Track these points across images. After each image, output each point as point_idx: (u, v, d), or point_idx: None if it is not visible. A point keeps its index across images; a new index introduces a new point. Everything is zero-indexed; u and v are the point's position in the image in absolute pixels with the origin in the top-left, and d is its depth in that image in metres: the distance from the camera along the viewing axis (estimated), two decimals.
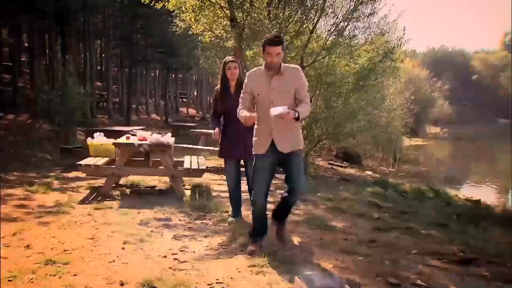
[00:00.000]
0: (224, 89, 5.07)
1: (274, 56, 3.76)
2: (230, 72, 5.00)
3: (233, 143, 5.05)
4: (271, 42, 3.77)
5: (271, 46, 3.75)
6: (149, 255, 3.85)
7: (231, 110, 4.93)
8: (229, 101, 4.97)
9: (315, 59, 11.18)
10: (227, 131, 5.12)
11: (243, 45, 11.18)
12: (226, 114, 5.12)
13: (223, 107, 5.06)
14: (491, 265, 3.96)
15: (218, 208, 5.72)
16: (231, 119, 5.02)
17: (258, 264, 3.65)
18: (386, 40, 12.60)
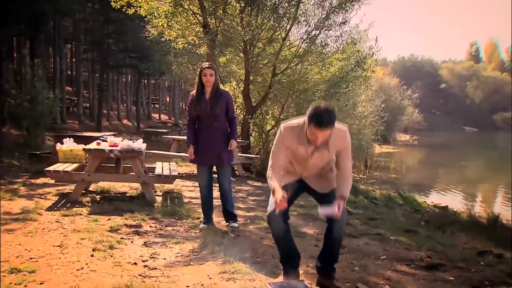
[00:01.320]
0: (200, 94, 5.03)
1: (320, 137, 3.03)
2: (206, 79, 4.95)
3: (206, 149, 5.04)
4: (319, 123, 2.95)
5: (318, 129, 2.97)
6: (119, 262, 3.79)
7: (205, 115, 5.01)
8: (204, 105, 4.98)
9: (288, 67, 11.29)
10: (200, 136, 5.09)
11: (216, 51, 11.20)
12: (200, 119, 5.09)
13: (196, 110, 5.02)
14: (457, 270, 4.04)
15: (189, 215, 5.68)
16: (204, 124, 5.06)
17: (229, 271, 3.64)
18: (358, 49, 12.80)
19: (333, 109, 3.05)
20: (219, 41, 11.11)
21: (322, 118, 2.92)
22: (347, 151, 3.26)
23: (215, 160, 5.10)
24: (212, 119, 5.03)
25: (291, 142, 3.19)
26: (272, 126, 11.95)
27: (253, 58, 11.08)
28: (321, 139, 3.02)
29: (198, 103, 5.01)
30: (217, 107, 5.00)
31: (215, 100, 5.00)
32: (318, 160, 3.27)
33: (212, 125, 5.05)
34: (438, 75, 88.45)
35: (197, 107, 5.02)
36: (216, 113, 5.01)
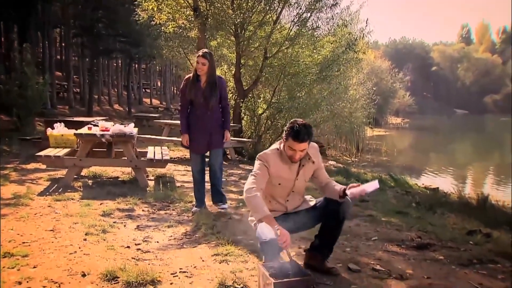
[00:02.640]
0: (195, 80, 4.98)
1: (298, 151, 3.15)
2: (198, 67, 4.93)
3: (199, 137, 5.05)
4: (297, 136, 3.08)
5: (296, 142, 3.10)
6: (112, 246, 3.81)
7: (199, 100, 4.96)
8: (199, 94, 4.95)
9: (279, 50, 11.24)
10: (193, 124, 5.08)
11: (206, 35, 11.11)
12: (193, 105, 5.05)
13: (191, 94, 4.97)
14: (446, 249, 4.11)
15: (182, 198, 5.72)
16: (198, 112, 5.02)
17: (221, 253, 3.68)
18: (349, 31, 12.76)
19: (310, 125, 3.17)
20: (210, 25, 11.01)
21: (300, 131, 3.06)
22: (322, 163, 3.46)
23: (207, 148, 5.13)
24: (206, 108, 5.00)
25: (275, 165, 3.22)
26: (263, 109, 11.94)
27: (244, 41, 11.01)
28: (298, 154, 3.14)
29: (193, 89, 4.97)
30: (212, 98, 4.97)
31: (210, 90, 4.96)
32: (302, 181, 3.34)
33: (206, 114, 5.02)
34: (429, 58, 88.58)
35: (191, 93, 4.98)
36: (211, 104, 4.98)
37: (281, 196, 3.34)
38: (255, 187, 3.05)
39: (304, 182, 3.38)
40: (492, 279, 3.39)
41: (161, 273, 3.22)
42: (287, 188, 3.31)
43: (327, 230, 3.33)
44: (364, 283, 3.19)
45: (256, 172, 3.17)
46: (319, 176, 3.42)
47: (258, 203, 2.97)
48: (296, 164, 3.26)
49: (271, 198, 3.33)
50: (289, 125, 3.13)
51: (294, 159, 3.17)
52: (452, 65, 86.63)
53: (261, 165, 3.20)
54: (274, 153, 3.25)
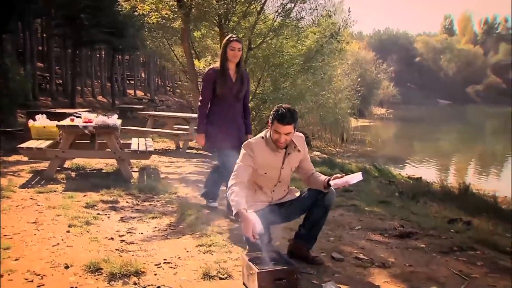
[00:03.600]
0: (224, 70, 4.47)
1: (283, 134, 3.19)
2: (233, 54, 4.41)
3: (230, 126, 4.56)
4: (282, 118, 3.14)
5: (281, 124, 3.15)
6: (96, 238, 3.79)
7: (230, 94, 4.50)
8: (229, 80, 4.49)
9: (263, 41, 11.22)
10: (222, 114, 4.54)
11: (190, 25, 11.04)
12: (220, 96, 4.50)
13: (222, 86, 4.44)
14: (428, 237, 4.19)
15: (166, 190, 5.71)
16: (226, 101, 4.52)
17: (206, 244, 3.69)
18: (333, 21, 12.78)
19: (295, 109, 3.22)
20: (194, 15, 10.93)
21: (284, 114, 3.12)
22: (307, 154, 3.48)
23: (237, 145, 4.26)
24: (236, 99, 4.56)
25: (260, 153, 3.23)
26: None
27: (228, 32, 10.95)
28: (283, 138, 3.17)
29: (224, 81, 4.46)
30: (243, 86, 4.56)
31: (241, 78, 4.54)
32: (288, 170, 3.37)
33: (236, 106, 4.58)
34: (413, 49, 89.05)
35: (222, 84, 4.45)
36: (241, 95, 4.59)
37: (267, 186, 3.36)
38: (234, 182, 3.09)
39: (290, 171, 3.40)
40: (472, 266, 3.46)
41: (145, 264, 3.21)
42: (273, 177, 3.33)
43: (311, 220, 3.36)
44: (347, 272, 3.23)
45: (239, 163, 3.20)
46: (304, 166, 3.45)
47: (233, 198, 3.00)
48: (282, 152, 3.28)
49: (257, 188, 3.34)
50: (274, 109, 3.19)
51: (279, 142, 3.18)
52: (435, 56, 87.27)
53: (245, 155, 3.22)
54: (260, 141, 3.27)
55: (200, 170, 7.68)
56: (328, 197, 3.29)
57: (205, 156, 9.52)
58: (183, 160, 8.74)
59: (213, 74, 4.50)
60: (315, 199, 3.30)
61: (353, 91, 24.18)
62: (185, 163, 8.41)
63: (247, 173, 3.19)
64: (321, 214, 3.33)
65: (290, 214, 3.42)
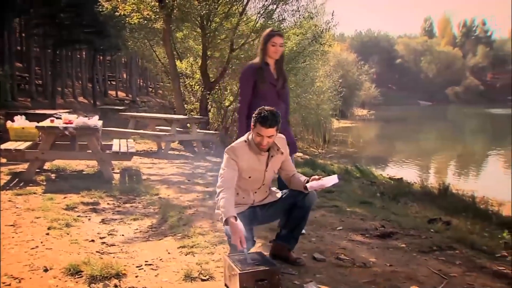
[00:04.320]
0: (265, 68, 4.05)
1: (265, 137, 3.17)
2: (275, 49, 4.00)
3: None
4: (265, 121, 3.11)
5: (263, 127, 3.12)
6: (76, 240, 3.75)
7: (272, 92, 4.08)
8: (272, 77, 4.08)
9: (245, 42, 11.24)
10: None
11: (172, 26, 11.02)
12: (264, 98, 3.99)
13: (264, 86, 4.03)
14: (408, 237, 4.24)
15: (148, 191, 5.68)
16: (268, 101, 3.88)
17: (188, 245, 3.68)
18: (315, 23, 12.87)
19: (278, 112, 3.19)
20: (176, 16, 10.92)
21: (267, 117, 3.09)
22: (289, 157, 3.47)
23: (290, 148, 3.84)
24: (279, 98, 4.11)
25: (244, 157, 3.21)
26: (230, 102, 11.93)
27: (210, 33, 10.96)
28: (266, 140, 3.15)
29: (265, 77, 4.04)
30: (286, 86, 4.20)
31: (283, 76, 4.16)
32: (271, 172, 3.35)
33: (279, 106, 3.92)
34: (394, 50, 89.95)
35: (264, 81, 4.03)
36: (285, 93, 4.21)
37: (251, 189, 3.35)
38: (222, 189, 3.06)
39: (273, 174, 3.40)
40: (451, 265, 3.51)
41: (126, 266, 3.19)
42: (257, 181, 3.32)
43: (292, 221, 3.36)
44: (328, 272, 3.25)
45: (224, 169, 3.17)
46: (285, 167, 3.45)
47: (222, 205, 2.98)
48: (265, 155, 3.28)
49: (240, 191, 3.32)
50: (257, 111, 3.15)
51: (262, 145, 3.17)
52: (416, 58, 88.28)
53: (229, 160, 3.19)
54: (242, 145, 3.25)
55: (182, 171, 7.65)
56: (309, 198, 3.29)
57: (187, 158, 9.49)
58: (165, 161, 8.70)
59: (253, 70, 4.08)
60: (296, 200, 3.30)
61: (335, 92, 24.31)
62: (167, 164, 8.37)
63: (234, 178, 3.16)
64: (302, 215, 3.34)
65: (272, 215, 3.43)
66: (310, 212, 3.41)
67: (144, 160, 8.62)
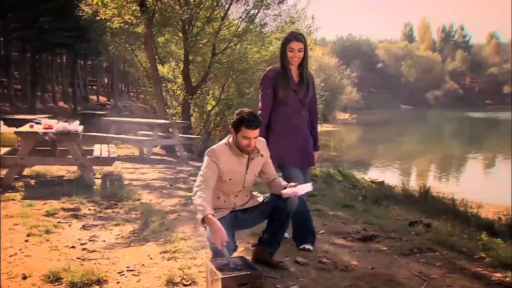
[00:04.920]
0: (285, 71, 3.82)
1: (252, 138, 3.19)
2: (293, 55, 3.75)
3: (293, 139, 3.87)
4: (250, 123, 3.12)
5: (249, 129, 3.14)
6: (56, 247, 3.70)
7: (294, 99, 3.84)
8: (292, 83, 3.83)
9: (227, 46, 11.25)
10: (282, 123, 3.86)
11: (154, 30, 10.98)
12: (285, 104, 3.84)
13: (285, 92, 3.79)
14: (389, 240, 4.27)
15: (130, 196, 5.64)
16: (288, 107, 3.84)
17: (170, 250, 3.65)
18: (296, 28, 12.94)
19: (256, 112, 3.28)
20: (157, 20, 10.88)
21: (251, 119, 3.12)
22: (270, 160, 3.47)
23: (303, 160, 3.91)
24: (301, 105, 3.87)
25: (224, 159, 3.21)
26: (212, 106, 11.92)
27: (192, 37, 10.95)
28: (253, 142, 3.18)
29: (286, 83, 3.81)
30: (309, 93, 3.88)
31: (306, 81, 3.87)
32: (252, 175, 3.36)
33: (300, 113, 3.87)
34: (375, 55, 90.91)
35: (286, 87, 3.80)
36: (308, 97, 3.89)
37: (231, 192, 3.34)
38: (201, 187, 3.04)
39: (254, 177, 3.40)
40: (431, 267, 3.55)
41: (107, 272, 3.16)
42: (238, 183, 3.31)
43: (274, 225, 3.36)
44: (311, 276, 3.26)
45: (204, 170, 3.16)
46: (266, 171, 3.45)
47: (199, 203, 2.95)
48: (245, 158, 3.28)
49: (221, 194, 3.31)
50: (237, 116, 3.16)
51: (249, 147, 3.18)
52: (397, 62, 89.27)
53: (209, 162, 3.18)
54: (223, 148, 3.25)
55: (164, 176, 7.62)
56: (290, 202, 3.29)
57: (170, 162, 9.45)
58: (147, 166, 8.65)
59: (273, 75, 3.85)
60: (277, 204, 3.30)
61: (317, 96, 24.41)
62: (149, 169, 8.32)
63: (213, 179, 3.16)
64: (283, 219, 3.34)
65: (253, 220, 3.43)
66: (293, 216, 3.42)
67: (126, 165, 8.56)
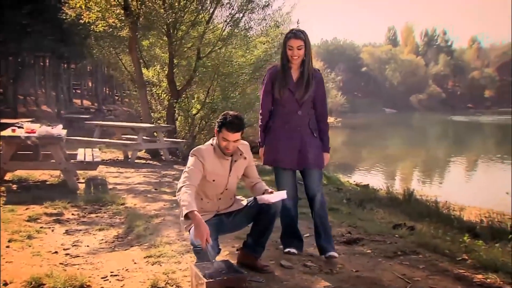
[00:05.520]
0: (285, 72, 3.72)
1: (232, 142, 3.21)
2: (291, 53, 3.63)
3: (287, 140, 3.74)
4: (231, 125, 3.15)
5: (230, 132, 3.16)
6: (38, 252, 3.67)
7: (290, 99, 3.71)
8: (288, 82, 3.70)
9: (212, 50, 11.26)
10: (278, 124, 3.76)
11: (138, 34, 10.94)
12: (278, 102, 3.77)
13: (279, 90, 3.69)
14: (374, 243, 4.30)
15: (114, 201, 5.60)
16: (285, 107, 3.73)
17: (154, 255, 3.64)
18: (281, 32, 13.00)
19: (242, 116, 3.27)
20: (141, 24, 10.85)
21: (232, 122, 3.15)
22: (253, 162, 3.51)
23: (299, 162, 3.76)
24: (298, 105, 3.72)
25: (209, 160, 3.22)
26: (197, 110, 11.90)
27: (176, 41, 10.93)
28: (232, 145, 3.19)
29: (283, 82, 3.69)
30: (306, 93, 3.69)
31: (304, 81, 3.70)
32: (235, 177, 3.37)
33: (296, 114, 3.73)
34: (359, 59, 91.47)
35: (282, 86, 3.69)
36: (304, 99, 3.71)
37: (214, 194, 3.34)
38: (186, 184, 3.04)
39: (236, 179, 3.41)
40: (414, 269, 3.58)
41: (91, 278, 3.14)
42: (221, 185, 3.31)
43: (258, 229, 3.37)
44: (295, 279, 3.26)
45: (190, 168, 3.16)
46: (249, 174, 3.47)
47: (184, 199, 2.95)
48: (228, 160, 3.29)
49: (203, 196, 3.31)
50: (221, 117, 3.20)
51: (228, 150, 3.20)
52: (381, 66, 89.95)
53: (195, 160, 3.19)
54: (208, 148, 3.27)
55: (149, 180, 7.58)
56: (274, 206, 3.30)
57: (154, 166, 9.41)
58: (131, 170, 8.60)
59: (271, 74, 3.78)
60: (261, 208, 3.30)
61: None
62: (133, 173, 8.28)
63: (198, 177, 3.16)
64: (267, 223, 3.34)
65: (238, 224, 3.43)
66: (278, 219, 3.43)
67: (110, 169, 8.50)
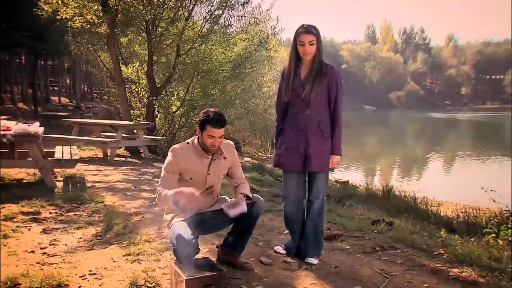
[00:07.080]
0: (291, 71, 3.56)
1: (217, 137, 3.16)
2: (302, 49, 3.45)
3: (292, 140, 3.60)
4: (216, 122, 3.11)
5: (215, 128, 3.12)
6: (14, 252, 3.60)
7: (296, 98, 3.56)
8: (296, 84, 3.54)
9: (192, 47, 11.21)
10: (288, 124, 3.63)
11: (116, 31, 10.82)
12: (290, 107, 3.62)
13: (286, 92, 3.57)
14: (353, 239, 4.35)
15: (92, 199, 5.54)
16: (294, 106, 3.59)
17: (133, 253, 3.62)
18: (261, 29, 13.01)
19: (223, 111, 3.25)
20: (120, 20, 10.73)
21: (216, 118, 3.11)
22: (238, 162, 3.47)
23: (304, 164, 3.58)
24: (304, 105, 3.53)
25: (185, 158, 3.19)
26: (177, 107, 11.84)
27: (156, 38, 10.85)
28: (218, 141, 3.16)
29: (289, 82, 3.55)
30: (312, 90, 3.48)
31: (313, 78, 3.50)
32: (215, 177, 3.31)
33: (303, 113, 3.54)
34: (339, 56, 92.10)
35: (288, 86, 3.56)
36: (312, 96, 3.50)
37: None
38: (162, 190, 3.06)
39: (218, 179, 3.36)
40: (392, 264, 3.63)
41: (68, 277, 3.10)
42: (200, 183, 3.26)
43: (239, 229, 3.36)
44: (275, 276, 3.28)
45: (164, 173, 3.16)
46: (233, 175, 3.43)
47: (166, 193, 2.99)
48: (208, 158, 3.25)
49: None
50: (203, 115, 3.15)
51: (214, 147, 3.17)
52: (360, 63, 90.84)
53: (170, 161, 3.17)
54: (185, 146, 3.24)
55: (128, 178, 7.52)
56: (257, 207, 3.29)
57: (134, 164, 9.33)
58: (111, 168, 8.51)
59: (282, 74, 3.66)
60: None
61: None
62: (113, 171, 8.20)
63: (174, 181, 3.15)
64: (248, 224, 3.34)
65: (219, 224, 3.40)
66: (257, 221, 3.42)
67: (89, 167, 8.41)
